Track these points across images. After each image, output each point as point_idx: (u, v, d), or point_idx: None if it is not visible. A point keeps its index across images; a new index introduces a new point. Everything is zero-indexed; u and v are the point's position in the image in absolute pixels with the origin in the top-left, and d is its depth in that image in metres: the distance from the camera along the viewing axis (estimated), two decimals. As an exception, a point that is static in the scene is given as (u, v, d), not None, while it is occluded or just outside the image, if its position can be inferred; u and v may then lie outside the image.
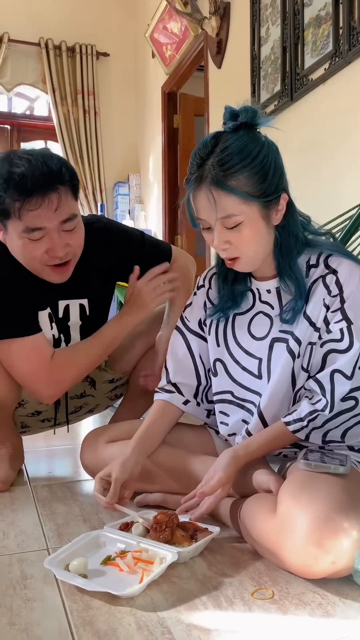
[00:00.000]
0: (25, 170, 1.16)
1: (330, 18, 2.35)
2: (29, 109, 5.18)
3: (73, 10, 4.88)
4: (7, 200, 1.18)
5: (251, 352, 1.16)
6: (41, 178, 1.17)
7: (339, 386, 1.02)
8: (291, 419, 1.06)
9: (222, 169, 1.01)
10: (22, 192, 1.16)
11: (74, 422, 1.67)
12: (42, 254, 1.23)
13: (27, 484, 1.46)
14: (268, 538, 0.94)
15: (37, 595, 0.87)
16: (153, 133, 4.84)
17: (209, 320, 1.24)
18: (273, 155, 1.05)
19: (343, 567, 0.86)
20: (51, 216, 1.19)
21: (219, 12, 3.35)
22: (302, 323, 1.09)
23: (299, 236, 1.10)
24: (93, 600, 0.85)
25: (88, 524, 1.17)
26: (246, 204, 1.02)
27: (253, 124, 1.06)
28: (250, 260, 1.09)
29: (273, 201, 1.05)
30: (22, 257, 1.27)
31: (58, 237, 1.22)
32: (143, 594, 0.87)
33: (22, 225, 1.19)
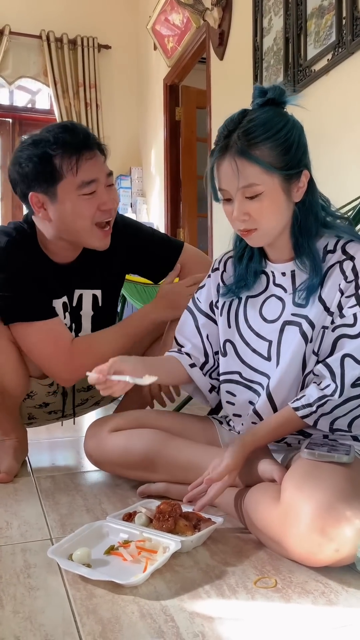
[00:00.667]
0: (69, 131, 1.26)
1: (333, 8, 2.33)
2: (31, 102, 5.16)
3: (74, 2, 4.85)
4: (58, 160, 1.25)
5: (262, 334, 1.17)
6: (85, 136, 1.28)
7: (349, 371, 1.02)
8: (300, 404, 1.05)
9: (247, 139, 1.04)
10: (75, 148, 1.25)
11: (80, 415, 1.68)
12: (95, 211, 1.29)
13: (30, 475, 1.46)
14: (272, 526, 0.94)
15: (40, 584, 0.88)
16: (155, 126, 4.82)
17: (221, 302, 1.25)
18: (297, 131, 1.07)
19: (346, 555, 0.86)
20: (101, 168, 1.29)
21: (220, 3, 3.33)
22: (316, 307, 1.09)
23: (318, 215, 1.11)
24: (96, 589, 0.85)
25: (91, 515, 1.17)
26: (268, 175, 1.04)
27: (280, 102, 1.09)
28: (265, 234, 1.10)
29: (294, 176, 1.06)
30: (74, 219, 1.29)
31: (106, 192, 1.30)
32: (146, 582, 0.87)
33: (78, 181, 1.26)
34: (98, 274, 1.45)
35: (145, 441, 1.25)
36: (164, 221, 4.67)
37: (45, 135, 1.27)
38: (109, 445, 1.29)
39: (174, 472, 1.23)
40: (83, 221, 1.29)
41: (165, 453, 1.23)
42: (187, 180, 4.62)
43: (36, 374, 1.43)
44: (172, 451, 1.23)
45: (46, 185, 1.26)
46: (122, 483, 1.37)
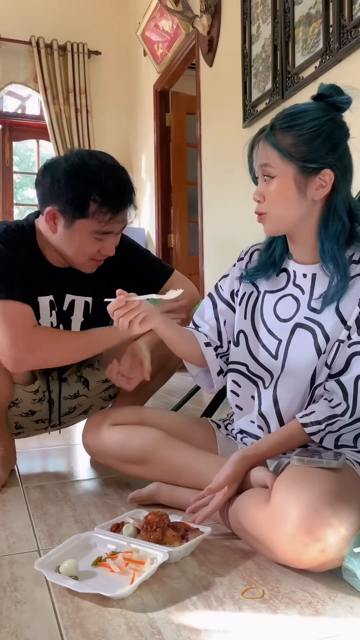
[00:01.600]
0: (119, 188, 1.31)
1: (320, 16, 2.35)
2: (21, 108, 5.17)
3: (64, 8, 4.87)
4: (95, 206, 1.29)
5: (273, 331, 1.17)
6: (126, 195, 1.33)
7: None
8: (308, 420, 1.05)
9: (276, 124, 1.08)
10: (115, 205, 1.31)
11: (69, 425, 1.67)
12: (96, 253, 1.36)
13: (19, 485, 1.45)
14: (260, 527, 0.94)
15: (27, 597, 0.87)
16: (145, 131, 4.83)
17: (241, 292, 1.25)
18: (329, 129, 1.06)
19: (332, 557, 0.87)
20: (121, 224, 1.36)
21: (210, 10, 3.35)
22: (332, 318, 1.09)
23: (345, 223, 1.09)
24: (83, 602, 0.85)
25: (80, 525, 1.17)
26: (283, 161, 1.06)
27: (331, 100, 1.09)
28: (273, 220, 1.11)
29: (312, 171, 1.06)
30: (75, 250, 1.36)
31: (113, 240, 1.38)
32: (133, 594, 0.87)
33: (97, 229, 1.32)
34: (91, 282, 1.47)
35: (143, 438, 1.26)
36: (154, 226, 4.68)
37: (97, 174, 1.29)
38: (107, 438, 1.29)
39: (168, 472, 1.23)
40: (81, 256, 1.37)
41: (162, 452, 1.24)
42: (178, 186, 4.63)
43: (20, 381, 1.43)
44: (169, 451, 1.23)
45: (70, 213, 1.31)
46: (111, 492, 1.37)
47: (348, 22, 2.18)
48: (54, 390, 1.52)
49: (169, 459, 1.23)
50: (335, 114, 1.09)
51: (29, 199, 5.85)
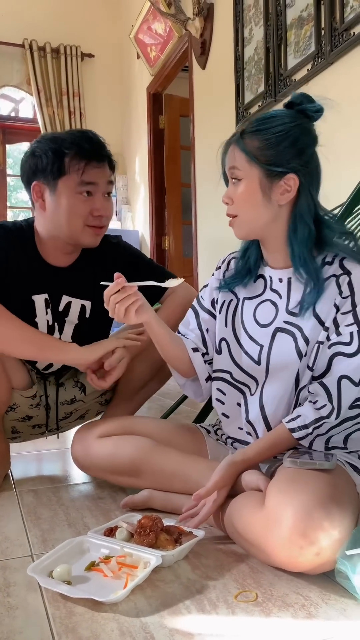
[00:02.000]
0: (89, 136, 1.37)
1: (312, 19, 2.36)
2: (14, 111, 5.16)
3: (57, 11, 4.87)
4: (68, 158, 1.33)
5: (255, 337, 1.18)
6: (101, 145, 1.38)
7: (346, 393, 1.03)
8: (296, 425, 1.05)
9: (247, 128, 1.11)
10: (88, 151, 1.34)
11: (65, 430, 1.67)
12: (87, 214, 1.36)
13: (13, 489, 1.45)
14: (254, 530, 0.94)
15: (20, 603, 0.87)
16: (139, 134, 4.83)
17: (220, 300, 1.26)
18: (296, 134, 1.08)
19: (327, 560, 0.87)
20: (104, 176, 1.37)
21: (202, 13, 3.35)
22: (310, 320, 1.09)
23: (311, 229, 1.09)
24: (76, 607, 0.85)
25: (73, 529, 1.16)
26: (249, 164, 1.09)
27: (300, 108, 1.12)
28: (242, 224, 1.13)
29: (276, 175, 1.07)
30: (67, 214, 1.35)
31: (102, 199, 1.37)
32: (127, 599, 0.86)
33: (79, 180, 1.34)
34: (90, 286, 1.46)
35: (132, 448, 1.25)
36: (149, 228, 4.68)
37: (65, 136, 1.37)
38: (96, 450, 1.29)
39: (159, 480, 1.23)
40: (75, 219, 1.36)
41: (151, 461, 1.23)
42: (172, 188, 4.64)
43: (18, 386, 1.43)
44: (158, 459, 1.23)
45: (51, 177, 1.35)
46: (105, 496, 1.37)
47: (340, 24, 2.19)
48: (51, 395, 1.52)
49: (159, 467, 1.23)
50: (304, 121, 1.11)
51: (23, 202, 5.84)
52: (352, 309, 1.05)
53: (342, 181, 2.18)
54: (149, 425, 1.34)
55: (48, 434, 1.62)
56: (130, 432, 1.31)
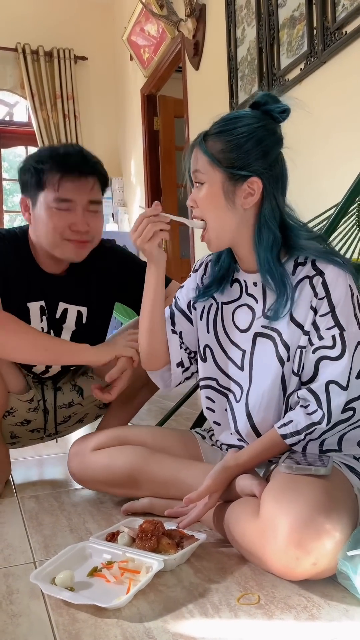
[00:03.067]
0: (69, 151, 1.36)
1: (304, 19, 2.37)
2: (8, 115, 5.16)
3: (50, 14, 4.87)
4: (46, 172, 1.33)
5: (236, 342, 1.16)
6: (82, 160, 1.36)
7: (335, 397, 1.02)
8: (288, 431, 1.04)
9: (210, 130, 1.09)
10: (63, 166, 1.33)
11: (64, 434, 1.67)
12: (65, 228, 1.34)
13: (14, 495, 1.45)
14: (251, 540, 0.94)
15: (23, 611, 0.87)
16: (134, 136, 4.84)
17: (199, 306, 1.24)
18: (259, 135, 1.05)
19: (324, 569, 0.87)
20: (82, 193, 1.35)
21: (194, 14, 3.36)
22: (289, 326, 1.07)
23: (275, 233, 1.07)
24: (79, 613, 0.85)
25: (75, 535, 1.17)
26: (212, 167, 1.07)
27: (265, 108, 1.09)
28: (212, 234, 1.10)
29: (239, 178, 1.05)
30: (44, 228, 1.36)
31: (82, 215, 1.35)
32: (129, 604, 0.86)
33: (54, 196, 1.33)
34: (87, 292, 1.47)
35: (127, 458, 1.25)
36: (145, 230, 4.68)
37: (47, 152, 1.37)
38: (91, 464, 1.29)
39: (157, 488, 1.23)
40: (51, 233, 1.35)
41: (147, 469, 1.23)
42: (167, 189, 4.64)
43: (14, 390, 1.43)
44: (154, 467, 1.23)
45: (33, 192, 1.36)
46: (107, 501, 1.37)
47: (331, 24, 2.19)
48: (49, 399, 1.52)
49: (155, 475, 1.23)
50: (269, 122, 1.08)
51: (18, 206, 5.83)
52: (330, 311, 1.03)
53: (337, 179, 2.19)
54: (142, 434, 1.34)
55: (47, 439, 1.62)
56: (124, 442, 1.30)
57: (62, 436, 1.67)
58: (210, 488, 1.06)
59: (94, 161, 1.38)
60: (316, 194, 2.28)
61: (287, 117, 1.10)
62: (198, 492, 1.06)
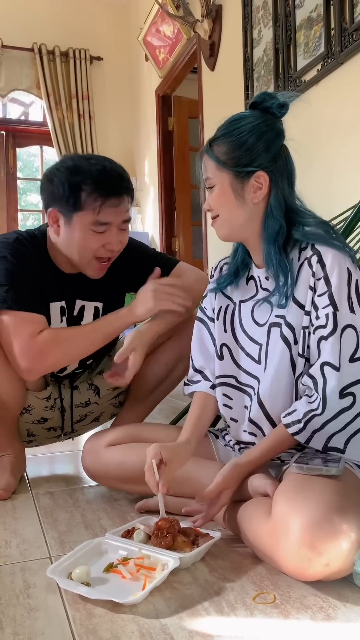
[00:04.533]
0: (107, 171, 1.34)
1: (321, 19, 2.36)
2: (24, 115, 5.19)
3: (66, 15, 4.89)
4: (85, 194, 1.31)
5: (254, 338, 1.18)
6: (119, 181, 1.35)
7: (330, 379, 1.01)
8: (290, 420, 1.05)
9: (215, 135, 1.13)
10: (105, 190, 1.31)
11: (81, 433, 1.68)
12: (99, 247, 1.36)
13: (29, 492, 1.46)
14: (263, 541, 0.94)
15: (40, 605, 0.88)
16: (148, 136, 4.85)
17: (217, 306, 1.27)
18: (259, 131, 1.09)
19: (337, 570, 0.87)
20: (119, 215, 1.36)
21: (211, 15, 3.36)
22: (292, 307, 1.09)
23: (282, 224, 1.10)
24: (96, 609, 0.86)
25: (90, 531, 1.17)
26: (219, 170, 1.11)
27: (263, 106, 1.12)
28: (223, 223, 1.14)
29: (245, 175, 1.09)
30: (78, 247, 1.36)
31: (116, 234, 1.37)
32: (145, 600, 0.87)
33: (93, 219, 1.32)
34: (101, 288, 1.49)
35: (140, 455, 1.25)
36: (158, 230, 4.69)
37: (84, 167, 1.33)
38: (105, 460, 1.30)
39: (170, 486, 1.23)
40: (85, 252, 1.37)
41: None
42: (181, 189, 4.64)
43: (33, 387, 1.44)
44: None
45: (66, 209, 1.34)
46: (121, 498, 1.38)
47: (349, 25, 2.18)
48: (66, 398, 1.53)
49: None
50: (268, 117, 1.11)
51: (33, 205, 5.87)
52: (326, 290, 1.04)
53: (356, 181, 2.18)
54: (156, 431, 1.35)
55: (63, 437, 1.63)
56: (138, 439, 1.31)
57: (78, 435, 1.68)
58: (220, 485, 1.06)
59: (128, 180, 1.38)
60: (333, 195, 2.27)
61: (286, 111, 1.13)
62: (209, 490, 1.07)
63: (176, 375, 1.57)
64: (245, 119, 1.11)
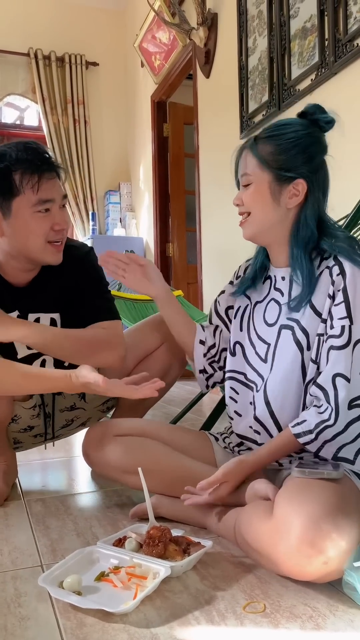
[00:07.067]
0: (32, 150, 1.30)
1: (315, 30, 2.38)
2: (19, 119, 5.20)
3: (62, 20, 4.91)
4: (18, 176, 1.27)
5: (264, 337, 1.22)
6: (47, 156, 1.32)
7: (341, 390, 1.04)
8: (300, 430, 1.07)
9: (261, 134, 1.17)
10: (38, 166, 1.28)
11: (67, 436, 1.68)
12: (49, 230, 1.32)
13: (21, 499, 1.46)
14: (263, 540, 0.95)
15: (31, 614, 0.88)
16: (143, 141, 4.86)
17: (236, 306, 1.32)
18: (307, 142, 1.14)
19: (335, 569, 0.88)
20: (58, 190, 1.33)
21: (206, 23, 3.38)
22: (307, 312, 1.12)
23: (313, 232, 1.14)
24: (87, 618, 0.86)
25: (82, 539, 1.18)
26: (260, 169, 1.14)
27: (313, 118, 1.17)
28: (253, 223, 1.18)
29: (286, 180, 1.13)
30: (27, 235, 1.30)
31: (59, 213, 1.33)
32: (136, 609, 0.87)
33: (36, 199, 1.28)
34: (54, 297, 1.44)
35: (144, 450, 1.27)
36: (153, 236, 4.70)
37: (7, 151, 1.29)
38: (109, 449, 1.30)
39: (167, 484, 1.24)
40: (36, 238, 1.32)
41: (162, 464, 1.25)
42: (176, 195, 4.66)
43: (19, 398, 1.43)
44: (169, 464, 1.25)
45: (2, 200, 1.29)
46: (113, 505, 1.38)
47: (343, 35, 2.21)
48: (49, 404, 1.52)
49: (169, 471, 1.25)
50: (316, 130, 1.16)
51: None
52: (343, 301, 1.06)
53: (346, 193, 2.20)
54: (160, 429, 1.37)
55: (48, 442, 1.62)
56: (142, 433, 1.32)
57: (62, 439, 1.67)
58: (219, 477, 1.09)
59: (52, 156, 1.34)
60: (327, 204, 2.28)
61: (332, 127, 1.18)
62: (209, 481, 1.09)
63: (168, 381, 1.57)
64: (294, 126, 1.15)
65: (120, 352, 1.41)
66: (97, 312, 1.44)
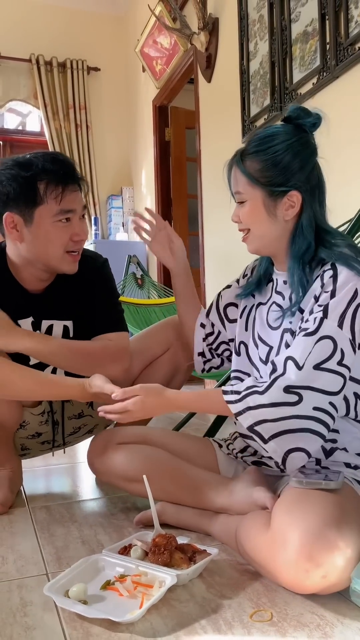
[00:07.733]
0: (59, 162, 1.33)
1: (317, 34, 2.38)
2: (21, 125, 5.22)
3: (63, 26, 4.92)
4: (43, 186, 1.30)
5: (266, 340, 1.22)
6: (72, 168, 1.35)
7: (289, 373, 1.01)
8: (230, 389, 1.07)
9: (247, 149, 1.14)
10: (63, 177, 1.31)
11: (74, 444, 1.68)
12: (68, 240, 1.34)
13: (25, 506, 1.46)
14: (261, 552, 0.95)
15: (37, 623, 0.88)
16: (145, 146, 4.87)
17: (242, 305, 1.32)
18: (294, 150, 1.10)
19: (334, 582, 0.87)
20: (79, 201, 1.36)
21: (207, 28, 3.39)
22: (297, 316, 1.12)
23: (310, 243, 1.11)
24: (93, 627, 0.85)
25: (87, 547, 1.17)
26: (251, 186, 1.12)
27: (297, 122, 1.13)
28: (255, 239, 1.17)
29: (279, 194, 1.10)
30: (50, 245, 1.33)
31: (79, 223, 1.36)
32: (143, 618, 0.87)
33: (57, 209, 1.31)
34: (68, 305, 1.45)
35: (147, 457, 1.27)
36: (155, 240, 4.70)
37: (34, 161, 1.31)
38: (113, 457, 1.30)
39: (171, 492, 1.24)
40: (55, 248, 1.34)
41: (164, 472, 1.24)
42: (178, 199, 4.66)
43: (28, 404, 1.44)
44: (171, 471, 1.24)
45: (24, 207, 1.30)
46: (118, 512, 1.38)
47: (344, 39, 2.21)
48: (58, 411, 1.52)
49: (171, 478, 1.24)
50: (302, 134, 1.13)
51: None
52: (327, 303, 1.03)
53: (349, 196, 2.20)
54: (164, 436, 1.36)
55: (55, 449, 1.62)
56: (146, 441, 1.32)
57: (70, 446, 1.68)
58: (136, 390, 1.11)
59: (72, 163, 1.37)
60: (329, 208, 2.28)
61: (318, 127, 1.15)
62: (123, 390, 1.12)
63: (174, 386, 1.57)
64: (280, 136, 1.12)
65: (124, 364, 1.43)
66: (106, 323, 1.45)
